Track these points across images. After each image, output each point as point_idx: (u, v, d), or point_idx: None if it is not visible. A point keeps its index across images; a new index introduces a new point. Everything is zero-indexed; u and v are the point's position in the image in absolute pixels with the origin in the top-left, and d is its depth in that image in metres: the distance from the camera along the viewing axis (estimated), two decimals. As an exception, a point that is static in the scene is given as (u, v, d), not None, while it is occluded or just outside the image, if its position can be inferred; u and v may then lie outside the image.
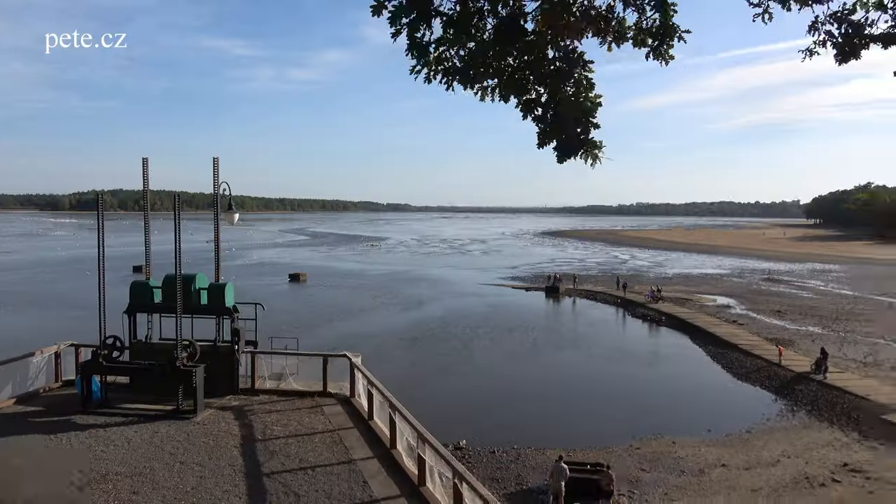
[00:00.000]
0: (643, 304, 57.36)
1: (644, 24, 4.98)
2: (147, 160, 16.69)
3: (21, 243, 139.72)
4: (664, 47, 5.02)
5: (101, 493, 11.10)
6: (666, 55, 5.04)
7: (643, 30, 4.98)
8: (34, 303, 57.56)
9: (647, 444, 24.97)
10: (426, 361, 38.00)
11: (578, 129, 5.02)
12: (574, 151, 5.06)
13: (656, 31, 4.96)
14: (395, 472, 12.22)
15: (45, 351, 17.56)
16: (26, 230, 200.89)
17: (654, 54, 5.04)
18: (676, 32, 4.97)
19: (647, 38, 5.00)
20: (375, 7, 4.79)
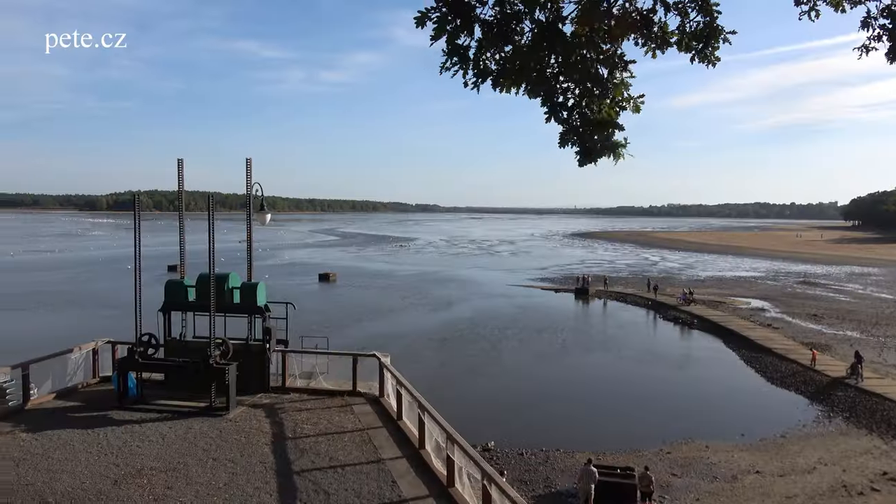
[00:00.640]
0: (675, 307, 56.59)
1: (688, 27, 4.90)
2: (182, 161, 16.98)
3: (60, 243, 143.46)
4: (709, 49, 4.94)
5: (136, 487, 11.32)
6: (712, 57, 4.96)
7: (687, 33, 4.91)
8: (73, 301, 59.06)
9: (678, 448, 24.62)
10: (455, 362, 38.00)
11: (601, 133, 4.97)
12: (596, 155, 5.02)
13: (700, 33, 4.89)
14: (424, 472, 12.24)
15: (84, 347, 17.98)
16: (65, 230, 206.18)
17: (699, 57, 4.96)
18: (721, 34, 4.89)
19: (691, 42, 4.92)
20: (419, 19, 4.80)
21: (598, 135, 5.01)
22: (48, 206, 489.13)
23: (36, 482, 11.45)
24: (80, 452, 12.84)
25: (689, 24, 4.90)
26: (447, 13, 4.77)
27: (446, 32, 4.82)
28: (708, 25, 4.86)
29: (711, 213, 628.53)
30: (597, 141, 5.03)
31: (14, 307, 54.51)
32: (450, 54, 4.90)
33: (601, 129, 5.00)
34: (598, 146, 5.05)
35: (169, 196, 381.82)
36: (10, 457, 12.58)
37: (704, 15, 4.84)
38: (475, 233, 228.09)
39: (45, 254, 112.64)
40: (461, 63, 4.93)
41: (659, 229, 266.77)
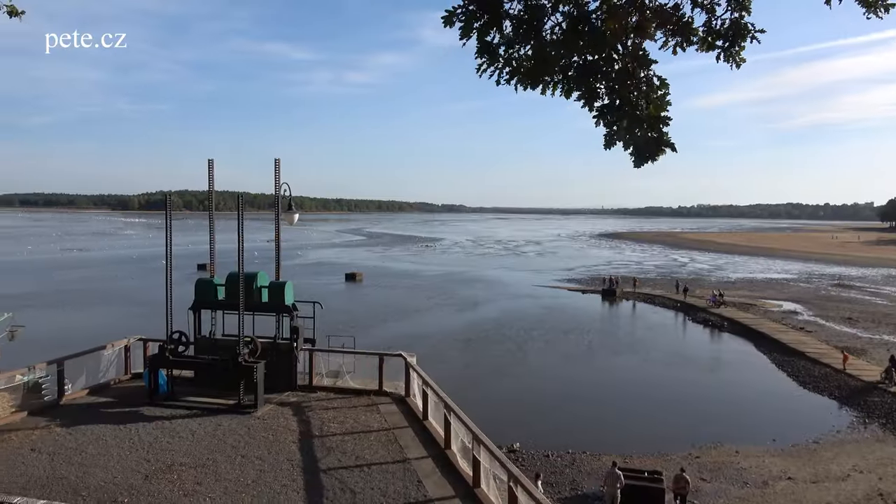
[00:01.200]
0: (704, 309, 55.76)
1: (714, 24, 4.76)
2: (212, 161, 17.22)
3: (94, 242, 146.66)
4: (735, 48, 4.76)
5: (166, 482, 11.50)
6: (737, 57, 4.78)
7: (713, 31, 4.76)
8: (105, 299, 60.29)
9: (707, 452, 24.25)
10: (480, 363, 37.94)
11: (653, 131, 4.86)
12: (651, 154, 4.90)
13: (726, 31, 4.74)
14: (450, 472, 12.22)
15: (116, 345, 18.34)
16: (99, 229, 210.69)
17: (724, 56, 4.79)
18: (749, 32, 4.71)
19: (716, 40, 4.76)
20: (447, 18, 4.76)
21: (651, 132, 4.90)
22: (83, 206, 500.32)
23: (69, 476, 11.70)
24: (113, 447, 13.09)
25: (715, 22, 4.76)
26: (475, 11, 4.72)
27: (474, 31, 4.77)
28: (735, 23, 4.72)
29: (742, 214, 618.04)
30: (650, 139, 4.92)
31: (49, 304, 55.84)
32: (479, 52, 4.85)
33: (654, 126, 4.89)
34: (653, 145, 4.93)
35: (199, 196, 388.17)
36: (45, 450, 12.89)
37: (734, 11, 4.69)
38: (501, 233, 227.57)
39: (79, 252, 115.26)
40: (491, 60, 4.88)
41: (688, 230, 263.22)
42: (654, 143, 4.92)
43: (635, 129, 4.90)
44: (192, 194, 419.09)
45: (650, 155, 4.94)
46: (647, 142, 4.93)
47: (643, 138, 4.93)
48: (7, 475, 11.69)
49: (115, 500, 10.70)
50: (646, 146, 4.93)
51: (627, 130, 4.92)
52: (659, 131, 4.90)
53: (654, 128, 4.91)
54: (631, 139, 4.95)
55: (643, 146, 4.94)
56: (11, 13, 7.10)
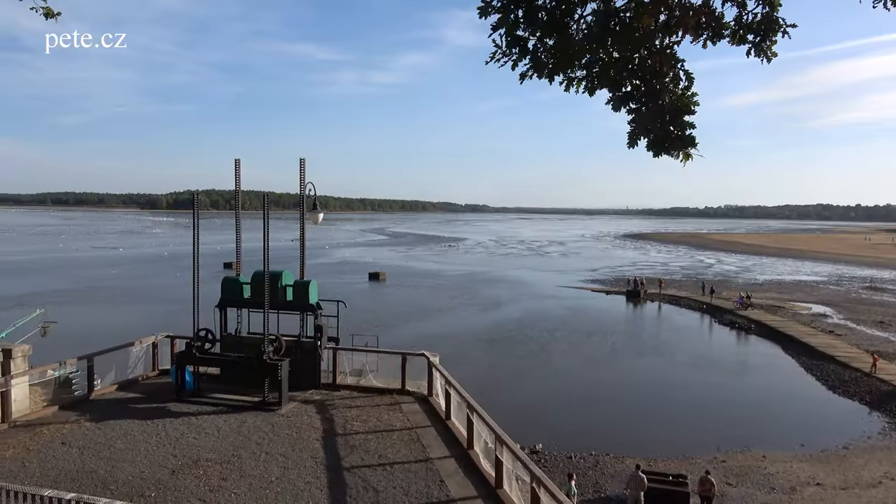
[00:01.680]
0: (731, 311, 54.98)
1: (745, 18, 4.68)
2: (239, 161, 17.42)
3: (123, 240, 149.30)
4: (766, 43, 4.67)
5: (192, 477, 11.66)
6: (768, 52, 4.68)
7: (744, 25, 4.69)
8: (134, 296, 61.34)
9: (733, 456, 23.91)
10: (503, 363, 37.85)
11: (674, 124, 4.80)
12: (671, 146, 4.83)
13: (758, 25, 4.66)
14: (472, 472, 12.21)
15: (144, 341, 18.64)
16: (127, 227, 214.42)
17: (755, 51, 4.71)
18: (781, 27, 4.62)
19: (746, 34, 4.69)
20: (482, 9, 4.75)
21: (673, 125, 4.84)
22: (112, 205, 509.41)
23: (98, 469, 11.92)
24: (140, 442, 13.31)
25: (745, 16, 4.69)
26: (510, 2, 4.70)
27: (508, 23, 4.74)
28: (767, 17, 4.64)
29: (770, 215, 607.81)
30: (671, 131, 4.86)
31: (80, 301, 57.00)
32: (509, 45, 4.83)
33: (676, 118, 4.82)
34: (673, 136, 4.86)
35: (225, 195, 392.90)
36: (75, 444, 13.15)
37: (765, 6, 4.61)
38: (524, 233, 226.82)
39: (108, 250, 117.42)
40: (521, 53, 4.85)
41: (714, 231, 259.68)
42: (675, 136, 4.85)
43: (656, 121, 4.84)
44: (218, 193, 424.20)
45: (669, 146, 4.88)
46: (668, 133, 4.87)
47: (663, 129, 4.87)
48: (39, 468, 11.95)
49: (142, 495, 10.87)
50: (665, 138, 4.87)
51: (649, 121, 4.86)
52: (682, 125, 4.83)
53: (675, 120, 4.84)
54: (651, 130, 4.91)
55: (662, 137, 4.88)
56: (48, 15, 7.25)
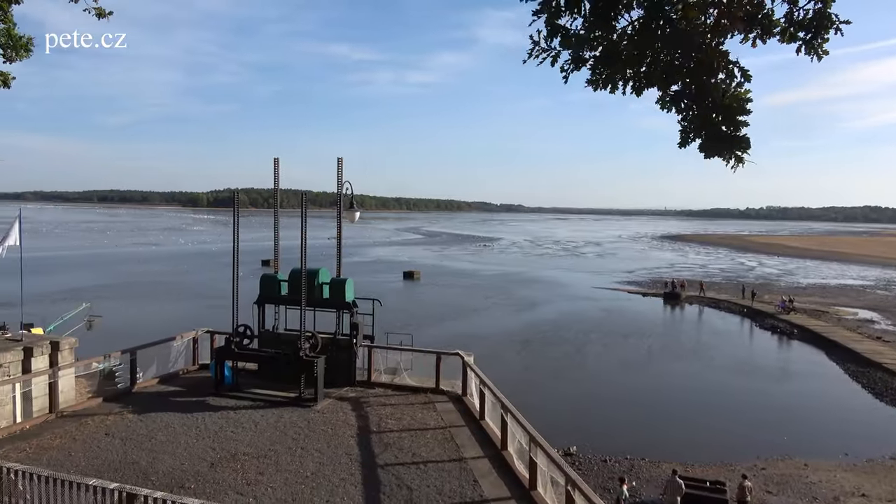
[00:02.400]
0: (772, 315, 53.64)
1: (796, 15, 4.54)
2: (278, 160, 17.66)
3: (165, 237, 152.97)
4: (818, 40, 4.51)
5: (230, 471, 11.88)
6: (819, 49, 4.52)
7: (795, 22, 4.55)
8: (175, 291, 62.79)
9: (773, 464, 23.34)
10: (537, 364, 37.62)
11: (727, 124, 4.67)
12: (724, 147, 4.70)
13: (809, 22, 4.52)
14: (506, 473, 12.17)
15: (185, 336, 19.07)
16: (170, 225, 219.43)
17: (806, 48, 4.55)
18: (833, 24, 4.45)
19: (797, 32, 4.53)
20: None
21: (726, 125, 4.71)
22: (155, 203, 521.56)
23: (140, 461, 12.23)
24: (181, 435, 13.61)
25: (797, 13, 4.54)
26: None
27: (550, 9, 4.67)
28: (818, 13, 4.48)
29: (814, 217, 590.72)
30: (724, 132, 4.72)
31: (123, 296, 58.56)
32: (550, 34, 4.76)
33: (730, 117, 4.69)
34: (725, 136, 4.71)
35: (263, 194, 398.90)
36: (118, 435, 13.51)
37: (817, 2, 4.46)
38: (560, 233, 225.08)
39: (151, 247, 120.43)
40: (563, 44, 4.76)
41: (756, 233, 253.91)
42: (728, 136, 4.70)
43: (709, 120, 4.71)
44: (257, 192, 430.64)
45: (723, 148, 4.73)
46: (721, 136, 4.72)
47: (717, 131, 4.73)
48: (84, 458, 12.32)
49: (182, 486, 11.12)
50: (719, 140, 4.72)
51: (702, 122, 4.73)
52: (735, 124, 4.70)
53: (728, 119, 4.71)
54: (704, 132, 4.77)
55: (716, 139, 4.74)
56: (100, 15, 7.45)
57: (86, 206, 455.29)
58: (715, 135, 4.73)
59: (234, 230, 17.25)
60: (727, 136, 4.71)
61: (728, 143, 4.71)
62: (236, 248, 17.28)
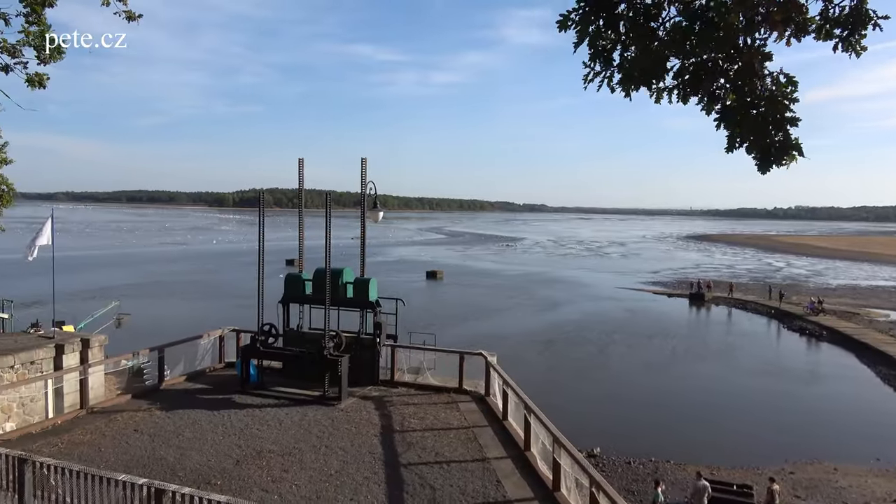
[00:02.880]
0: (801, 317, 52.72)
1: (831, 12, 4.44)
2: (303, 160, 17.81)
3: (192, 236, 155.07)
4: (855, 37, 4.41)
5: (255, 468, 12.01)
6: (857, 46, 4.42)
7: (830, 19, 4.45)
8: (202, 290, 63.63)
9: (802, 468, 22.94)
10: (560, 365, 37.43)
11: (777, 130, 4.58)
12: (778, 157, 4.57)
13: (845, 19, 4.42)
14: (529, 474, 12.13)
15: (212, 334, 19.33)
16: (196, 224, 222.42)
17: (843, 45, 4.45)
18: (871, 20, 4.35)
19: (833, 29, 4.43)
20: (561, 22, 4.68)
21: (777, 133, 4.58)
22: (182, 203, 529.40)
23: (168, 457, 12.42)
24: (207, 432, 13.79)
25: (832, 10, 4.44)
26: (590, 13, 4.59)
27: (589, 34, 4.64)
28: (855, 10, 4.38)
29: (844, 217, 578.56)
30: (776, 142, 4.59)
31: (151, 294, 59.52)
32: (593, 57, 4.73)
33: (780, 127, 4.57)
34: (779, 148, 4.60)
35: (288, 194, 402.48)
36: (146, 432, 13.74)
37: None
38: (583, 233, 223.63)
39: (178, 246, 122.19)
40: (605, 64, 4.74)
41: (784, 233, 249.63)
42: (781, 146, 4.58)
43: (760, 132, 4.60)
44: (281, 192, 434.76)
45: (776, 159, 4.60)
46: (773, 145, 4.60)
47: (768, 141, 4.61)
48: (113, 453, 12.55)
49: (208, 482, 11.27)
50: (771, 150, 4.61)
51: (751, 133, 4.62)
52: (786, 133, 4.59)
53: (780, 129, 4.59)
54: (754, 142, 4.65)
55: (768, 150, 4.61)
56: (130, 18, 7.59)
57: (115, 206, 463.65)
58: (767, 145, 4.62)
59: (259, 230, 17.43)
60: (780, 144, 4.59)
61: (781, 150, 4.59)
62: (261, 248, 17.46)
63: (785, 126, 4.57)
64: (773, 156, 4.59)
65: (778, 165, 4.64)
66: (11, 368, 17.24)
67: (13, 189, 16.91)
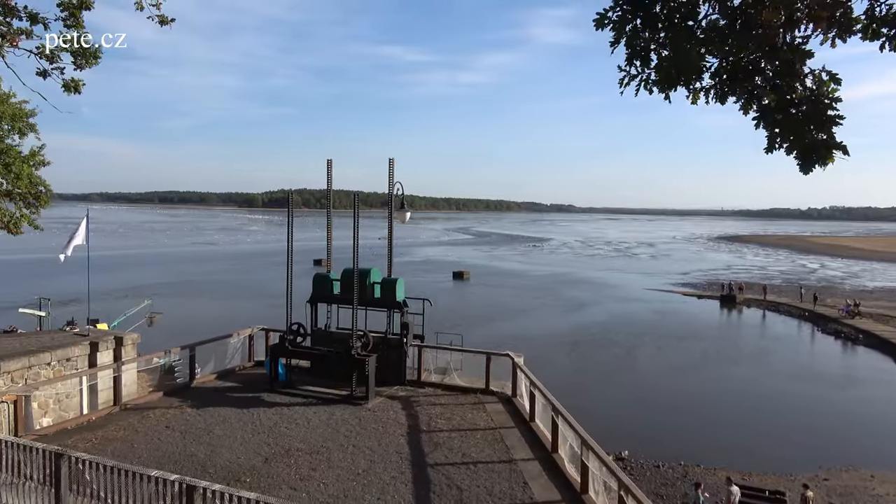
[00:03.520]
0: (836, 319, 51.53)
1: (877, 11, 4.30)
2: (331, 161, 17.95)
3: (222, 236, 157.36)
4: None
5: (284, 466, 12.13)
6: None
7: (877, 18, 4.31)
8: (231, 289, 64.52)
9: (836, 475, 22.41)
10: (587, 367, 37.14)
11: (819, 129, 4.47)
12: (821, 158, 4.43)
13: (893, 18, 4.26)
14: (556, 476, 12.04)
15: (241, 333, 19.58)
16: (226, 225, 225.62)
17: (890, 44, 4.32)
18: None
19: (881, 28, 4.28)
20: (598, 21, 4.65)
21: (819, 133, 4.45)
22: (212, 203, 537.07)
23: (198, 454, 12.61)
24: (237, 430, 13.97)
25: (879, 8, 4.30)
26: (628, 12, 4.54)
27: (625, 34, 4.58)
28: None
29: (883, 217, 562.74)
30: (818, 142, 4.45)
31: (182, 293, 60.55)
32: (630, 58, 4.68)
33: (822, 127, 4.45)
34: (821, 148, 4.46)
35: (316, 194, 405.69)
36: (178, 429, 13.97)
37: None
38: (612, 234, 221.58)
39: (208, 246, 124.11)
40: (643, 64, 4.68)
41: (818, 234, 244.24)
42: (823, 146, 4.44)
43: (801, 132, 4.49)
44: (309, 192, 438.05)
45: (818, 159, 4.45)
46: (815, 145, 4.47)
47: (810, 141, 4.48)
48: (145, 449, 12.78)
49: (238, 480, 11.40)
50: (813, 150, 4.47)
51: (792, 132, 4.50)
52: (829, 132, 4.47)
53: (822, 129, 4.46)
54: (795, 143, 4.52)
55: (810, 150, 4.48)
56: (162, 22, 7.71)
57: (147, 207, 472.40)
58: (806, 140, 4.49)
59: (288, 231, 17.59)
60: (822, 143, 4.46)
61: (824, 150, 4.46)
62: (290, 249, 17.62)
63: (828, 125, 4.43)
64: (815, 156, 4.46)
65: (822, 166, 4.48)
66: (48, 365, 17.68)
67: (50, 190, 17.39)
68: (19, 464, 9.86)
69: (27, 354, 17.31)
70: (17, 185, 19.85)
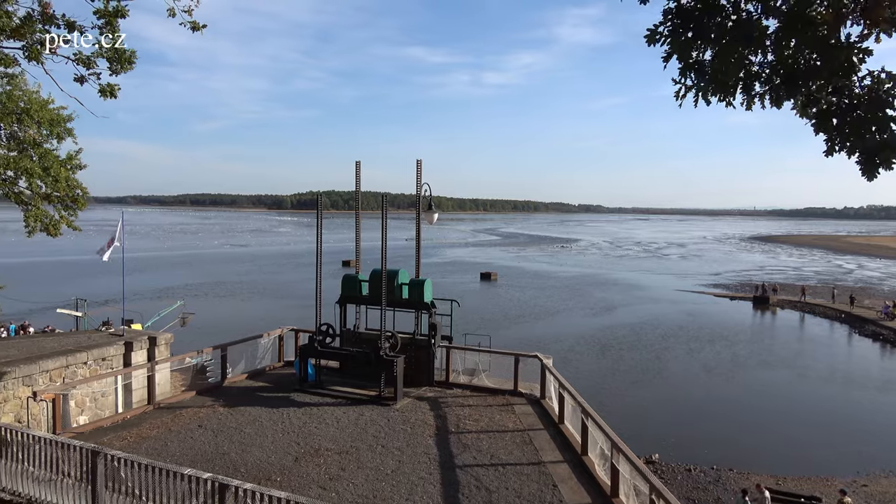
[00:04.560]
0: (874, 321, 50.19)
1: None
2: (359, 163, 18.05)
3: (252, 238, 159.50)
4: None
5: (313, 465, 12.23)
6: None
7: None
8: (261, 290, 65.29)
9: (876, 481, 21.81)
10: (617, 369, 36.75)
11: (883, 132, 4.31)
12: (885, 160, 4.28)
13: None
14: (586, 479, 11.93)
15: (271, 334, 19.81)
16: (256, 227, 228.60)
17: None
18: None
19: None
20: (649, 37, 4.63)
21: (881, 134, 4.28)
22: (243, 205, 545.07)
23: (230, 452, 12.78)
24: (268, 429, 14.12)
25: None
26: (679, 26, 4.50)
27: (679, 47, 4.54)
28: None
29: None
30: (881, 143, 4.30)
31: (214, 294, 61.47)
32: (683, 72, 4.63)
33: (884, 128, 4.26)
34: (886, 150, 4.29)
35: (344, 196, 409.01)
36: (210, 427, 14.17)
37: None
38: (641, 234, 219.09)
39: (239, 248, 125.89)
40: (698, 76, 4.62)
41: (855, 233, 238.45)
42: (886, 147, 4.29)
43: (861, 133, 4.35)
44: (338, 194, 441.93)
45: (882, 162, 4.30)
46: (878, 147, 4.32)
47: (871, 143, 4.34)
48: (178, 448, 13.00)
49: (269, 479, 11.53)
50: (876, 152, 4.32)
51: (852, 134, 4.37)
52: (891, 133, 4.28)
53: (884, 129, 4.32)
54: (857, 145, 4.39)
55: (872, 152, 4.34)
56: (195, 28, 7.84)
57: (180, 209, 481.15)
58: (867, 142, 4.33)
59: (317, 233, 17.74)
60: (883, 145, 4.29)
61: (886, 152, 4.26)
62: (319, 250, 17.76)
63: (889, 126, 4.28)
64: (878, 158, 4.29)
65: (887, 168, 4.31)
66: (85, 364, 18.10)
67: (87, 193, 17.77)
68: (57, 461, 10.10)
69: (64, 354, 17.73)
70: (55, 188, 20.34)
